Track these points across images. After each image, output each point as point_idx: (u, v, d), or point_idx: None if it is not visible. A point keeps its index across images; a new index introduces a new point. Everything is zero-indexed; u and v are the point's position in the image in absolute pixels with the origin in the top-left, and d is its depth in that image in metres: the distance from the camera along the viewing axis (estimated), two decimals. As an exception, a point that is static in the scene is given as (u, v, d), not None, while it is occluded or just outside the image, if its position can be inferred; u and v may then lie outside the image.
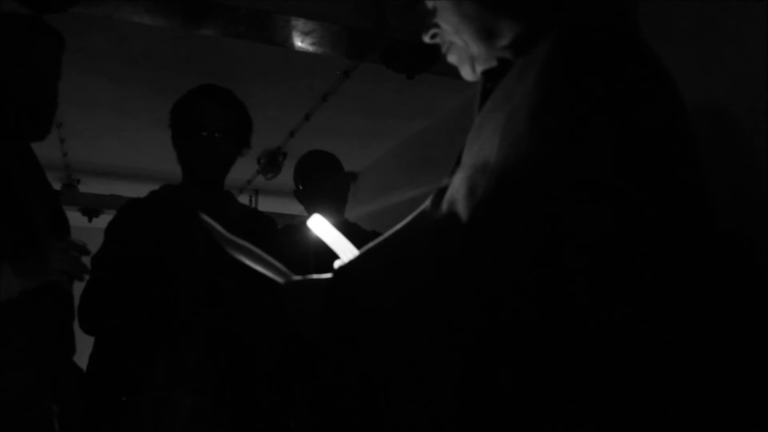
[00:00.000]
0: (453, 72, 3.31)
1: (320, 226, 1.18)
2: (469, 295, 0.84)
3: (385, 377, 0.91)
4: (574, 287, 0.80)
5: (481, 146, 0.92)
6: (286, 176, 4.87)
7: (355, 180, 2.50)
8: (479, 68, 1.08)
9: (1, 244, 1.52)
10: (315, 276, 1.04)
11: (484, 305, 0.84)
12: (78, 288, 1.82)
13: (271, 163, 4.77)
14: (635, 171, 0.82)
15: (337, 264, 1.03)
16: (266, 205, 5.51)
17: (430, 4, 1.11)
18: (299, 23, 2.65)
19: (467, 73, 1.11)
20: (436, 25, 1.10)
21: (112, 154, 4.93)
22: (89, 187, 5.49)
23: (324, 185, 2.44)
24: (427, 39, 1.13)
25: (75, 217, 5.03)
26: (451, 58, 1.12)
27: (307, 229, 2.29)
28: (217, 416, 1.88)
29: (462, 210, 0.87)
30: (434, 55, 2.82)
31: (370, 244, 0.99)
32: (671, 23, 1.55)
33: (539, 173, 0.82)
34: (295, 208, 5.72)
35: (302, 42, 2.80)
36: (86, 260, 1.70)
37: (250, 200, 5.59)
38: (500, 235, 0.83)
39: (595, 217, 0.80)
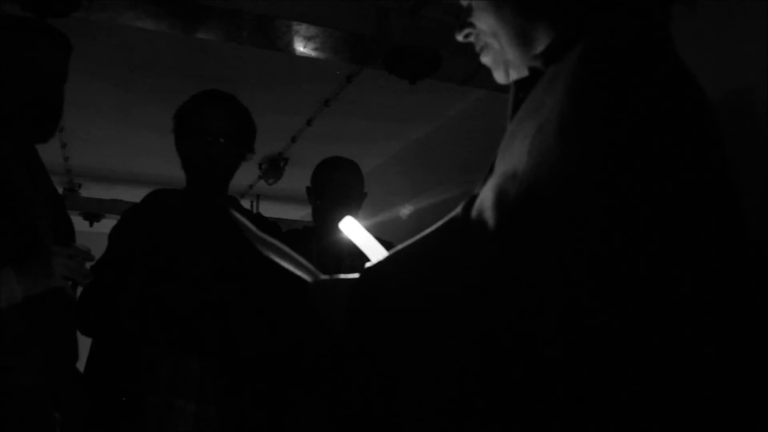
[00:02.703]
0: (456, 78, 3.31)
1: (351, 228, 1.19)
2: (494, 301, 0.84)
3: (405, 377, 0.92)
4: (599, 296, 0.80)
5: (512, 155, 0.92)
6: (287, 181, 4.88)
7: (365, 196, 2.47)
8: (513, 73, 1.08)
9: (5, 250, 1.51)
10: (343, 275, 1.05)
11: (508, 312, 0.84)
12: (79, 293, 1.81)
13: (273, 168, 4.77)
14: (664, 182, 0.81)
15: (367, 265, 1.04)
16: (267, 210, 5.51)
17: (465, 3, 1.11)
18: (302, 28, 2.64)
19: (500, 77, 1.11)
20: (472, 25, 1.10)
21: (113, 158, 4.93)
22: (90, 191, 5.49)
23: (335, 177, 2.38)
24: (460, 38, 1.13)
25: (76, 222, 4.98)
26: (485, 60, 1.12)
27: (310, 233, 2.30)
28: (221, 423, 1.87)
29: (490, 218, 0.87)
30: (437, 61, 2.83)
31: (398, 247, 0.99)
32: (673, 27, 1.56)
33: (567, 183, 0.82)
34: (296, 213, 5.74)
35: (304, 47, 2.79)
36: (89, 266, 1.69)
37: (252, 205, 5.59)
38: (527, 243, 0.83)
39: (623, 227, 0.80)
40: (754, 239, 0.90)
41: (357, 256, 1.18)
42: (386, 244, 1.47)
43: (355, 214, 2.34)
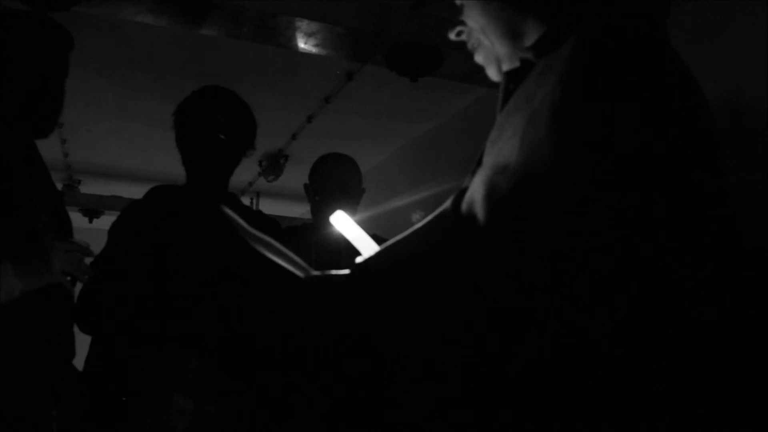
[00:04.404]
0: (457, 75, 3.30)
1: (343, 223, 1.19)
2: (485, 295, 0.84)
3: (398, 369, 0.92)
4: (592, 291, 0.80)
5: (502, 147, 0.92)
6: (287, 179, 4.87)
7: (363, 192, 2.48)
8: (505, 68, 1.08)
9: (3, 245, 1.51)
10: (334, 271, 1.05)
11: (499, 305, 0.83)
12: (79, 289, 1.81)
13: (273, 165, 4.76)
14: (656, 175, 0.81)
15: (358, 260, 1.04)
16: (267, 207, 5.50)
17: (458, 2, 1.11)
18: (303, 25, 2.64)
19: (493, 73, 1.11)
20: (463, 23, 1.10)
21: (113, 154, 4.92)
22: (90, 187, 5.49)
23: (333, 173, 2.39)
24: (452, 36, 1.14)
25: (76, 218, 4.99)
26: (478, 58, 1.12)
27: (309, 230, 2.29)
28: (219, 420, 1.87)
29: (480, 210, 0.87)
30: (438, 58, 2.82)
31: (390, 242, 1.00)
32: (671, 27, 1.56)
33: (558, 177, 0.81)
34: (296, 210, 5.74)
35: (306, 44, 2.79)
36: (88, 261, 1.68)
37: (252, 202, 5.59)
38: (517, 237, 0.83)
39: (614, 220, 0.80)
40: (749, 237, 0.90)
41: (356, 252, 1.17)
42: (384, 242, 1.46)
43: (353, 210, 2.34)
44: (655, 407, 0.79)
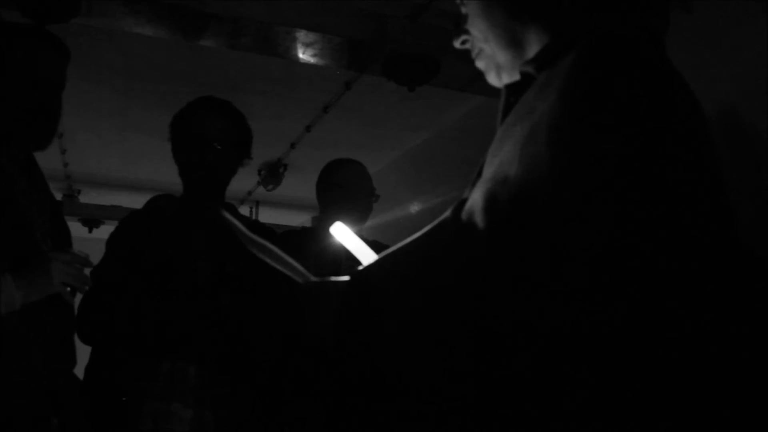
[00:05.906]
0: (454, 84, 3.32)
1: (342, 234, 1.20)
2: (484, 303, 0.85)
3: (398, 375, 0.93)
4: (591, 299, 0.81)
5: (502, 160, 0.93)
6: (286, 187, 4.89)
7: (376, 200, 2.45)
8: (505, 76, 1.10)
9: (3, 257, 1.51)
10: (333, 278, 1.06)
11: (498, 312, 0.85)
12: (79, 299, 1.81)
13: (272, 174, 4.77)
14: (656, 188, 0.82)
15: (359, 267, 1.05)
16: (267, 216, 5.51)
17: (463, 10, 1.14)
18: (301, 35, 2.66)
19: (492, 79, 1.13)
20: (467, 32, 1.12)
21: (112, 164, 4.93)
22: (90, 197, 5.49)
23: (332, 179, 2.39)
24: (457, 45, 1.16)
25: (75, 228, 5.02)
26: (479, 64, 1.14)
27: (309, 236, 2.30)
28: (218, 427, 1.87)
29: (480, 221, 0.88)
30: (435, 67, 2.84)
31: (389, 250, 1.00)
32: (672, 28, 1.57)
33: (557, 188, 0.83)
34: (295, 219, 5.74)
35: (304, 53, 2.80)
36: (88, 272, 1.69)
37: (251, 211, 5.60)
38: (517, 247, 0.84)
39: (614, 232, 0.81)
40: (747, 243, 0.91)
41: (356, 260, 1.18)
42: (385, 248, 1.47)
43: (362, 215, 2.34)
44: (654, 407, 0.81)
